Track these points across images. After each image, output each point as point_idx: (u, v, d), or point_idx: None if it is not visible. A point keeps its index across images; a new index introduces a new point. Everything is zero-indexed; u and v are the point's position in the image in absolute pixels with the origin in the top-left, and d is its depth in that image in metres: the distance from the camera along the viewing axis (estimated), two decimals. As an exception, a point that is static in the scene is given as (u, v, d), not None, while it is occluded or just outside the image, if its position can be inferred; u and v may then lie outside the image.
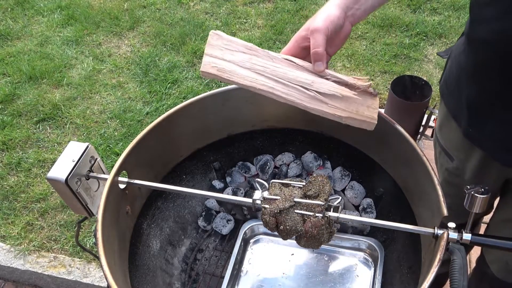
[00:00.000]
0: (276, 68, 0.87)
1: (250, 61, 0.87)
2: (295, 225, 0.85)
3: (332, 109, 0.87)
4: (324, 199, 0.86)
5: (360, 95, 0.88)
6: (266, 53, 0.88)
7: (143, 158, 1.03)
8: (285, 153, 1.33)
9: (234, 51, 0.88)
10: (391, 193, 1.14)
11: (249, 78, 0.86)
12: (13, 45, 3.20)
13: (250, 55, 0.88)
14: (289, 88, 0.86)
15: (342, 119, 0.88)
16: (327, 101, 0.86)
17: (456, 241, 0.77)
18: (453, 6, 3.32)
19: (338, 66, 2.96)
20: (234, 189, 1.30)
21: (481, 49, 0.87)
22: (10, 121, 2.62)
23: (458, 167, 1.10)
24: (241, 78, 0.86)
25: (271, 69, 0.87)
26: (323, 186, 0.87)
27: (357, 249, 1.19)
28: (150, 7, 3.53)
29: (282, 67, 0.87)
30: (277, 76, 0.87)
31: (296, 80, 0.87)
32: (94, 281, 1.92)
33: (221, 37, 0.89)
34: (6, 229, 2.11)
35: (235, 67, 0.87)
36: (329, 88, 0.87)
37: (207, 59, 0.87)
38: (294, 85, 0.86)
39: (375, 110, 0.89)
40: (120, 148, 2.44)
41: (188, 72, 2.93)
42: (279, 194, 0.87)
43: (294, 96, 0.86)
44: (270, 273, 1.17)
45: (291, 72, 0.87)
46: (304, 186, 0.89)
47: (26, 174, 2.34)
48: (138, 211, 1.08)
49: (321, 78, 0.88)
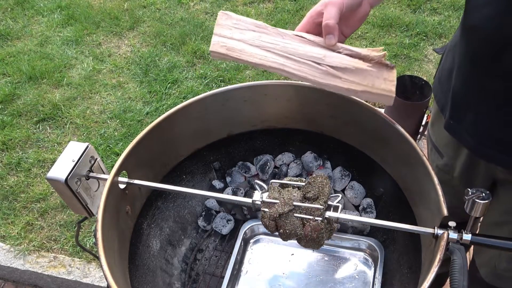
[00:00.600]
0: (286, 45, 0.84)
1: (260, 39, 0.85)
2: (294, 229, 0.85)
3: (347, 84, 0.84)
4: (323, 201, 0.85)
5: (375, 67, 0.84)
6: (276, 30, 0.86)
7: (143, 158, 1.03)
8: (285, 153, 1.33)
9: (243, 30, 0.86)
10: (391, 193, 1.14)
11: (259, 56, 0.84)
12: (13, 45, 3.20)
13: (260, 33, 0.86)
14: (301, 64, 0.84)
15: (357, 93, 0.85)
16: (340, 75, 0.83)
17: (456, 241, 0.77)
18: (453, 6, 3.32)
19: (338, 66, 2.96)
20: (234, 189, 1.30)
21: (472, 36, 0.86)
22: (10, 121, 2.62)
23: (447, 163, 1.09)
24: (250, 56, 0.84)
25: (281, 46, 0.84)
26: (323, 188, 0.87)
27: (357, 249, 1.19)
28: (150, 7, 3.53)
29: (293, 43, 0.85)
30: (288, 52, 0.84)
31: (307, 55, 0.84)
32: (94, 281, 1.92)
33: (230, 16, 0.87)
34: (6, 229, 2.11)
35: (245, 46, 0.85)
36: (341, 61, 0.83)
37: (216, 38, 0.85)
38: (305, 61, 0.84)
39: (392, 83, 0.85)
40: (120, 148, 2.44)
41: (188, 72, 2.93)
42: (278, 198, 0.86)
43: (305, 72, 0.84)
44: (270, 273, 1.17)
45: (302, 47, 0.84)
46: (304, 187, 0.88)
47: (26, 174, 2.34)
48: (138, 211, 1.08)
49: (333, 52, 0.84)
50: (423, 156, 0.93)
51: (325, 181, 0.88)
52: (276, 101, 1.16)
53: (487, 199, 0.73)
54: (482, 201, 0.73)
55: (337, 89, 0.85)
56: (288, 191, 0.88)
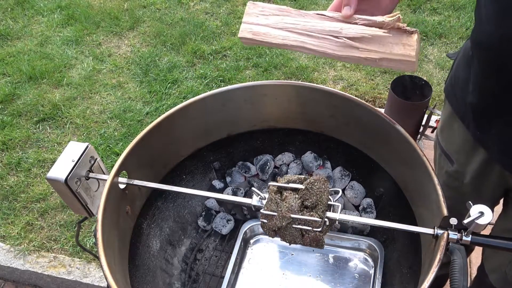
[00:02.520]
0: (306, 23, 0.88)
1: (282, 21, 0.89)
2: (294, 239, 0.86)
3: (364, 53, 0.84)
4: (322, 211, 0.84)
5: (393, 33, 0.84)
6: (297, 11, 0.90)
7: (143, 158, 1.03)
8: (285, 153, 1.33)
9: (268, 15, 0.91)
10: (391, 193, 1.14)
11: (281, 37, 0.88)
12: (13, 45, 3.20)
13: (283, 16, 0.90)
14: (320, 40, 0.87)
15: (376, 62, 0.85)
16: (357, 45, 0.84)
17: (456, 241, 0.77)
18: (453, 6, 3.32)
19: (338, 66, 2.96)
20: (234, 189, 1.30)
21: (481, 52, 0.86)
22: (10, 121, 2.62)
23: (458, 170, 1.09)
24: (273, 38, 0.89)
25: (301, 25, 0.88)
26: (321, 196, 0.85)
27: (357, 249, 1.19)
28: (150, 7, 3.53)
29: (312, 21, 0.88)
30: (307, 30, 0.87)
31: (325, 30, 0.86)
32: (94, 281, 1.92)
33: (257, 5, 0.92)
34: (6, 229, 2.11)
35: (269, 29, 0.89)
36: (357, 31, 0.84)
37: (244, 26, 0.91)
38: (324, 36, 0.86)
39: (412, 47, 0.83)
40: (120, 148, 2.44)
41: (188, 72, 2.93)
42: (276, 210, 0.85)
43: (325, 47, 0.86)
44: (270, 273, 1.17)
45: (321, 24, 0.87)
46: (302, 192, 0.87)
47: (26, 174, 2.34)
48: (138, 211, 1.08)
49: (349, 24, 0.86)
50: (423, 156, 0.93)
51: (324, 187, 0.86)
52: (276, 101, 1.16)
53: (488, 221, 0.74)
54: (482, 223, 0.74)
55: (356, 60, 0.86)
56: (287, 198, 0.87)
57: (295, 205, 0.86)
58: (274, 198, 0.87)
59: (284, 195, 0.88)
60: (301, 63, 2.96)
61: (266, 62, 2.96)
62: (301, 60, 3.00)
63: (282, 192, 0.89)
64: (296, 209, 0.85)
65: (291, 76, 2.89)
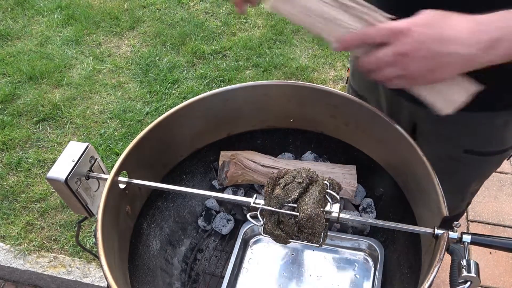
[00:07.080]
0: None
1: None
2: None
3: None
4: (318, 238, 0.82)
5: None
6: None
7: (143, 158, 1.03)
8: (285, 153, 1.33)
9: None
10: (391, 193, 1.14)
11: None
12: (13, 45, 3.20)
13: None
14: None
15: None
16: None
17: (456, 241, 0.77)
18: (453, 6, 3.31)
19: (338, 66, 2.96)
20: (234, 189, 1.30)
21: None
22: (10, 121, 2.62)
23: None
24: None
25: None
26: (317, 229, 0.81)
27: (357, 249, 1.19)
28: (150, 7, 3.53)
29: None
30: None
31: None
32: (94, 281, 1.92)
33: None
34: (6, 229, 2.11)
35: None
36: None
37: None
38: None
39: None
40: (120, 148, 2.44)
41: (188, 72, 2.93)
42: (274, 235, 0.85)
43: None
44: (270, 273, 1.17)
45: None
46: (299, 221, 0.81)
47: (26, 174, 2.34)
48: (138, 211, 1.08)
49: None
50: (423, 156, 0.93)
51: (318, 224, 0.81)
52: (276, 101, 1.16)
53: None
54: None
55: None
56: (283, 225, 0.83)
57: (292, 232, 0.83)
58: (271, 222, 0.84)
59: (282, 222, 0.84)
60: (301, 63, 2.96)
61: (266, 62, 2.96)
62: (301, 60, 3.00)
63: (276, 231, 0.86)
64: (294, 233, 0.83)
65: (291, 76, 2.89)
